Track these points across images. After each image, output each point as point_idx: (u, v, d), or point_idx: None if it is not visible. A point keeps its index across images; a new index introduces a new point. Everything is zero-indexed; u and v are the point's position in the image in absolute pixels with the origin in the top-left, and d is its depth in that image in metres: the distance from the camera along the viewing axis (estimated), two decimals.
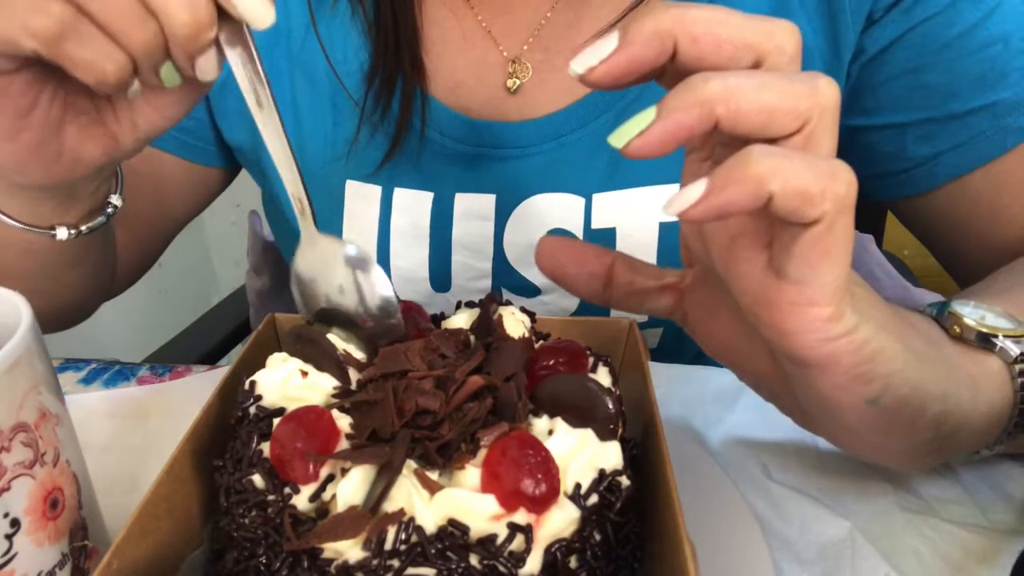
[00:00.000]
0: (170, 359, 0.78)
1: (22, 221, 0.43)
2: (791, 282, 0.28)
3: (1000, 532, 0.38)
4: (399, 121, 0.54)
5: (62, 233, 0.45)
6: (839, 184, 0.26)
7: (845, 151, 0.57)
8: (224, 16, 0.33)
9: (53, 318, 0.58)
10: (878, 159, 0.55)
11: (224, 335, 0.89)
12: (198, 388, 0.34)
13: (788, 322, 0.29)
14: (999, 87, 0.49)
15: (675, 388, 0.48)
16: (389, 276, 0.59)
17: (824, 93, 0.27)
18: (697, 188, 0.26)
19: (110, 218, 0.47)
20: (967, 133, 0.50)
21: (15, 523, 0.30)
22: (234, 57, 0.34)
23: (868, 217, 0.88)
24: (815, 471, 0.42)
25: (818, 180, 0.25)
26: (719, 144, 0.30)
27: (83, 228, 0.45)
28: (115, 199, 0.47)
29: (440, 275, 0.59)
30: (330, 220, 0.59)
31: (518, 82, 0.55)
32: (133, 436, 0.48)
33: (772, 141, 0.27)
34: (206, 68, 0.34)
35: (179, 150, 0.62)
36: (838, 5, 0.50)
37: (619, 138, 0.27)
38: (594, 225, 0.55)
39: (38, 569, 0.31)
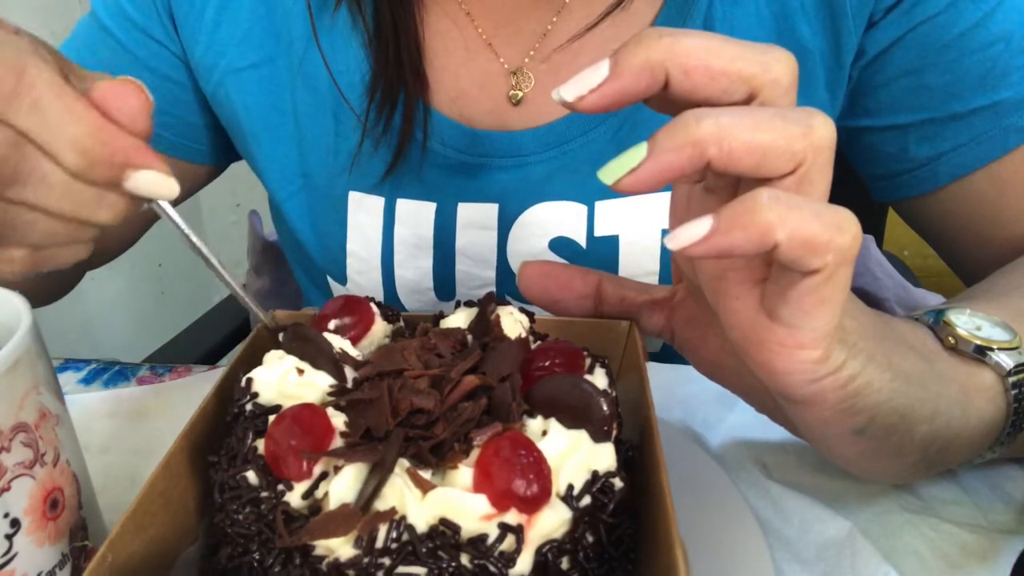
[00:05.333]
0: (170, 359, 0.78)
1: None
2: (782, 324, 0.28)
3: (999, 532, 0.38)
4: (401, 133, 0.54)
5: None
6: (844, 236, 0.26)
7: (848, 152, 0.58)
8: None
9: (37, 301, 0.59)
10: (880, 160, 0.55)
11: (224, 335, 0.89)
12: (198, 388, 0.34)
13: (776, 362, 0.29)
14: (1001, 87, 0.49)
15: (676, 388, 0.48)
16: (393, 287, 0.59)
17: (819, 133, 0.26)
18: (701, 226, 0.26)
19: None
20: (969, 133, 0.50)
21: (15, 523, 0.30)
22: (165, 219, 0.35)
23: (868, 217, 0.88)
24: (815, 471, 0.42)
25: (825, 231, 0.25)
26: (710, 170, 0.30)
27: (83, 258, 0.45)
28: None
29: (444, 284, 0.59)
30: (334, 232, 0.59)
31: (520, 93, 0.54)
32: (133, 436, 0.48)
33: (765, 180, 0.27)
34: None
35: (165, 147, 0.62)
36: (840, 8, 0.50)
37: (609, 175, 0.27)
38: (597, 232, 0.55)
39: (38, 569, 0.31)
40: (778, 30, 0.51)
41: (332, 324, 0.37)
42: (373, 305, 0.39)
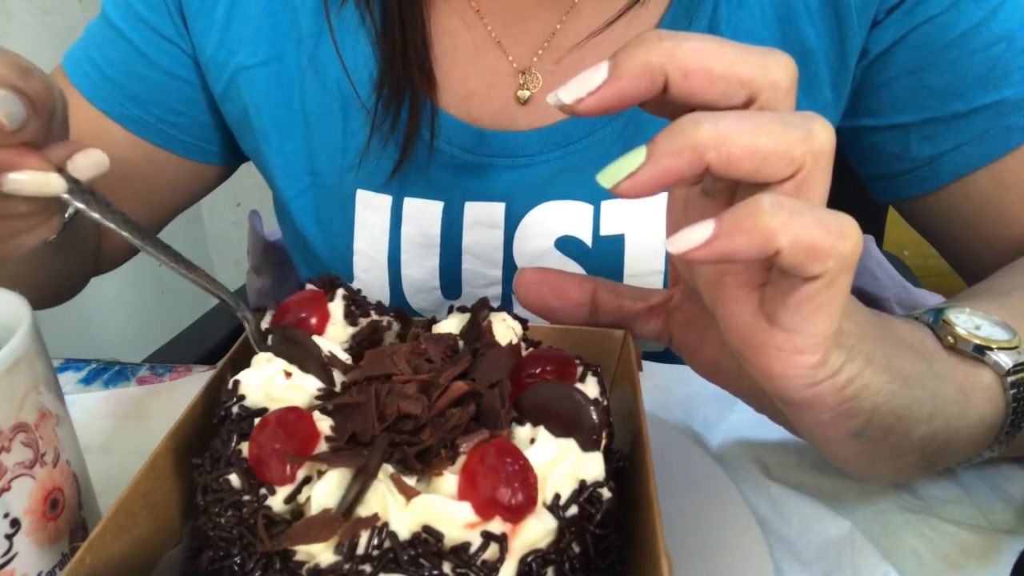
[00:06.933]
0: (170, 359, 0.78)
1: None
2: (781, 329, 0.28)
3: (999, 532, 0.38)
4: (408, 131, 0.54)
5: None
6: (846, 243, 0.25)
7: (849, 152, 0.58)
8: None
9: (45, 300, 0.59)
10: (883, 159, 0.55)
11: (224, 335, 0.89)
12: (198, 388, 0.34)
13: (774, 366, 0.29)
14: (1003, 86, 0.49)
15: (675, 388, 0.48)
16: (400, 285, 0.59)
17: (818, 138, 0.26)
18: (703, 230, 0.25)
19: (73, 217, 0.46)
20: (971, 132, 0.50)
21: (15, 523, 0.30)
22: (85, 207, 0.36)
23: (868, 217, 0.88)
24: (815, 471, 0.42)
25: (827, 237, 0.25)
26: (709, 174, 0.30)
27: (52, 238, 0.44)
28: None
29: (451, 283, 0.59)
30: (341, 230, 0.59)
31: (528, 93, 0.54)
32: (133, 436, 0.48)
33: (763, 185, 0.26)
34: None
35: (178, 148, 0.62)
36: (844, 8, 0.50)
37: (608, 178, 0.27)
38: (603, 232, 0.55)
39: (38, 569, 0.31)
40: (783, 31, 0.51)
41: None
42: (338, 301, 0.38)
